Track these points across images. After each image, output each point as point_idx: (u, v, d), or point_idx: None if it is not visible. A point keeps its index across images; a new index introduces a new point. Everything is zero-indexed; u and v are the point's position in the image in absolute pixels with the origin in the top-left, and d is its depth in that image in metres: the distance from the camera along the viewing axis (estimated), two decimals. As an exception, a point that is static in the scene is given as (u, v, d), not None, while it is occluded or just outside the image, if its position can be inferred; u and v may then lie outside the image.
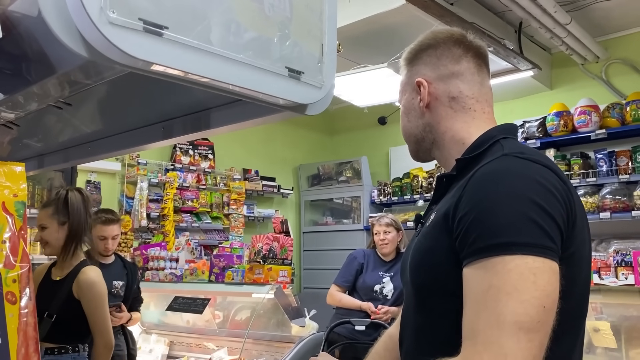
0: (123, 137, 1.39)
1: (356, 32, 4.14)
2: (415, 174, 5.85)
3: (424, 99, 1.10)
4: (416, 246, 1.04)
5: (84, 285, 2.29)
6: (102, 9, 0.69)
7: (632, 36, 4.93)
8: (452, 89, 1.09)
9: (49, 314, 2.25)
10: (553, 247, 0.84)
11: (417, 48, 1.14)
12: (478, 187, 0.90)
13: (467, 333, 0.84)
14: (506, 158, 0.93)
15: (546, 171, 0.91)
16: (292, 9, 0.93)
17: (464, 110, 1.09)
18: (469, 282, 0.87)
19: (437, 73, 1.10)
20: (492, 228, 0.85)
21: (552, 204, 0.87)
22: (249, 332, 3.47)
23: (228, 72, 0.82)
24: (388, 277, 3.74)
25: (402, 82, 1.17)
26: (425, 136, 1.12)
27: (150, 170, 5.22)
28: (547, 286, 0.82)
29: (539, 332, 0.80)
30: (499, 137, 1.03)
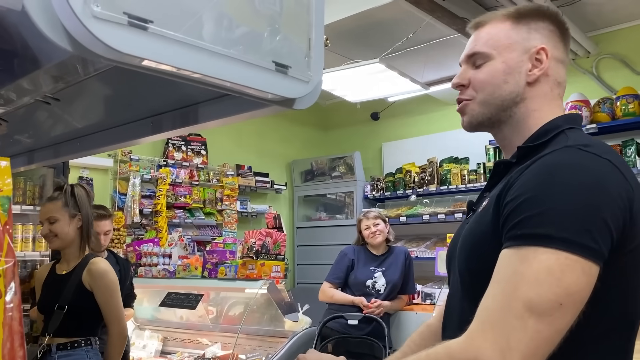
0: (112, 132, 1.39)
1: (348, 27, 4.14)
2: (407, 168, 5.87)
3: (544, 69, 1.03)
4: (467, 232, 1.02)
5: (96, 274, 2.31)
6: (85, 3, 0.69)
7: (622, 31, 4.96)
8: (561, 74, 1.06)
9: (60, 305, 2.25)
10: (592, 247, 0.82)
11: (539, 10, 1.07)
12: (532, 175, 0.88)
13: (478, 312, 0.85)
14: (569, 150, 0.90)
15: (608, 167, 0.87)
16: (281, 2, 0.93)
17: (559, 97, 1.06)
18: (499, 265, 0.86)
19: (557, 53, 1.05)
20: (534, 217, 0.84)
21: (605, 201, 0.84)
22: (242, 327, 3.47)
23: (214, 66, 0.82)
24: (380, 271, 3.76)
25: (510, 38, 1.05)
26: (511, 107, 1.04)
27: (143, 166, 5.20)
28: (572, 285, 0.80)
29: (550, 326, 0.80)
30: (564, 127, 0.99)
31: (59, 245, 2.36)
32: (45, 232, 2.33)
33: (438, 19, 3.85)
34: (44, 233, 2.34)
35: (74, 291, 2.28)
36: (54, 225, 2.33)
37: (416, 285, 4.10)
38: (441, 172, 5.55)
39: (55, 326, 2.23)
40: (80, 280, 2.30)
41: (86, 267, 2.33)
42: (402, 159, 6.05)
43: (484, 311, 0.84)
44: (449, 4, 3.91)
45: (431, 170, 5.61)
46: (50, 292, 2.34)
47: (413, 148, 6.06)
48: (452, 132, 5.60)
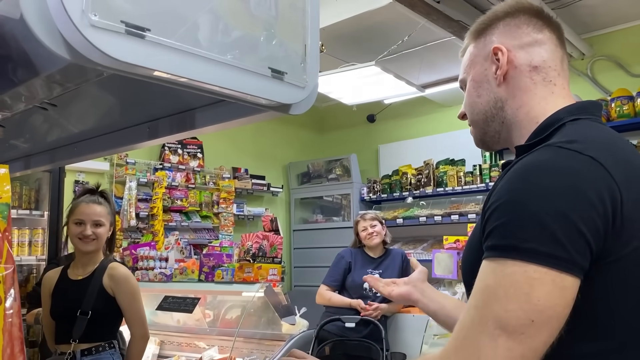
0: (109, 137, 1.39)
1: (344, 30, 4.16)
2: (404, 171, 5.88)
3: (503, 66, 0.99)
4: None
5: (119, 279, 2.34)
6: (83, 12, 0.69)
7: (616, 33, 4.99)
8: (535, 57, 0.99)
9: (83, 311, 2.25)
10: (563, 257, 0.76)
11: (492, 17, 1.05)
12: (506, 180, 0.84)
13: (455, 327, 0.83)
14: (547, 149, 0.84)
15: (589, 164, 0.80)
16: (277, 8, 0.94)
17: (544, 82, 0.98)
18: (477, 278, 0.83)
19: (518, 41, 1.00)
20: (503, 227, 0.79)
21: (579, 207, 0.77)
22: (240, 330, 3.47)
23: (211, 73, 0.83)
24: (377, 274, 3.77)
25: (472, 55, 1.06)
26: (496, 114, 1.02)
27: (139, 169, 5.20)
28: (542, 300, 0.75)
29: (522, 345, 0.75)
30: (566, 119, 0.92)
31: (93, 248, 2.37)
32: (88, 233, 2.32)
33: (433, 21, 3.86)
34: (87, 234, 2.32)
35: (97, 296, 2.29)
36: (99, 229, 2.36)
37: (413, 288, 4.09)
38: (437, 174, 5.56)
39: (81, 332, 2.23)
40: (102, 285, 2.32)
41: (106, 272, 2.35)
42: (398, 161, 6.06)
43: (458, 327, 0.82)
44: (444, 7, 3.93)
45: (427, 172, 5.63)
46: (67, 298, 2.32)
47: (409, 150, 6.08)
48: (448, 134, 5.62)
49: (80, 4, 0.69)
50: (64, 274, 2.41)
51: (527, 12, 1.02)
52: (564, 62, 1.02)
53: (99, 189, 2.46)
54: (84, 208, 2.34)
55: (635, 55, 4.88)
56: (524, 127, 0.98)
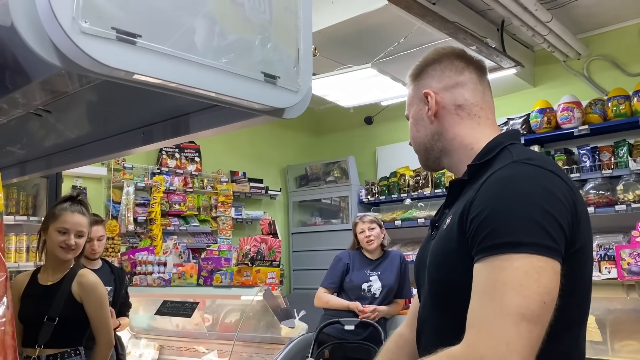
0: (104, 143, 1.39)
1: (340, 33, 4.16)
2: (402, 172, 5.88)
3: (432, 107, 1.18)
4: (434, 247, 1.11)
5: (87, 286, 2.34)
6: (74, 19, 0.69)
7: (612, 32, 5.00)
8: (458, 97, 1.18)
9: (50, 317, 2.25)
10: (556, 248, 0.91)
11: (422, 64, 1.24)
12: (489, 191, 0.98)
13: (472, 321, 0.91)
14: (516, 164, 1.01)
15: (553, 177, 0.98)
16: (270, 12, 0.94)
17: (470, 116, 1.17)
18: (477, 277, 0.94)
19: (443, 84, 1.19)
20: (501, 227, 0.92)
21: (557, 207, 0.94)
22: (239, 334, 3.47)
23: (204, 78, 0.83)
24: (375, 275, 3.76)
25: (410, 96, 1.26)
26: (434, 144, 1.20)
27: (137, 174, 5.20)
28: (549, 284, 0.89)
29: (538, 325, 0.87)
30: (506, 143, 1.10)
31: (71, 257, 2.37)
32: (72, 243, 2.32)
33: (429, 23, 3.86)
34: (71, 244, 2.32)
35: (65, 303, 2.29)
36: (80, 240, 2.36)
37: (412, 289, 4.10)
38: (435, 176, 5.57)
39: (46, 338, 2.23)
40: (70, 292, 2.31)
41: (75, 279, 2.34)
42: (396, 162, 6.06)
43: (477, 320, 0.91)
44: (439, 9, 3.93)
45: (425, 173, 5.63)
46: (35, 303, 2.31)
47: (407, 152, 5.99)
48: (446, 136, 5.61)
49: (70, 11, 0.69)
50: (33, 278, 2.40)
51: (449, 57, 1.21)
52: (486, 95, 1.21)
53: (78, 197, 2.45)
54: (70, 217, 2.33)
55: (631, 54, 4.89)
56: (460, 153, 1.17)
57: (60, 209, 2.35)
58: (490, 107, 1.21)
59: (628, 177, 4.38)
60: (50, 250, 2.36)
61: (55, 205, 2.44)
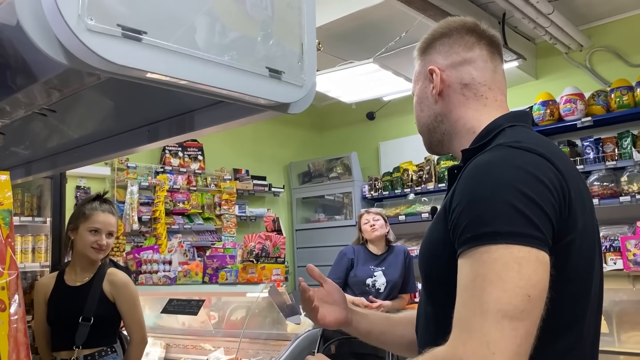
0: (109, 141, 1.39)
1: (341, 28, 4.15)
2: (405, 167, 5.88)
3: (437, 86, 1.10)
4: (424, 239, 1.06)
5: (119, 285, 2.35)
6: (80, 17, 0.69)
7: (614, 23, 4.98)
8: (465, 75, 1.09)
9: (85, 317, 2.25)
10: (539, 237, 0.84)
11: (430, 37, 1.15)
12: (469, 178, 0.91)
13: (455, 321, 0.85)
14: (499, 148, 0.94)
15: (538, 159, 0.90)
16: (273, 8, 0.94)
17: (476, 97, 1.08)
18: (459, 272, 0.88)
19: (450, 60, 1.10)
20: (479, 218, 0.86)
21: (541, 192, 0.86)
22: (245, 331, 3.47)
23: (209, 74, 0.83)
24: (380, 270, 3.77)
25: (416, 72, 1.18)
26: (437, 126, 1.13)
27: (140, 173, 5.20)
28: (533, 275, 0.81)
29: (524, 321, 0.80)
30: (505, 125, 1.02)
31: (101, 257, 2.38)
32: (104, 243, 2.33)
33: (430, 17, 3.86)
34: (103, 244, 2.32)
35: (98, 302, 2.29)
36: (110, 240, 2.37)
37: (417, 284, 4.10)
38: (439, 170, 5.56)
39: (84, 338, 2.24)
40: (102, 291, 2.32)
41: (106, 278, 2.35)
42: (399, 157, 6.06)
43: (459, 319, 0.85)
44: (440, 2, 3.93)
45: (428, 168, 5.62)
46: (66, 304, 2.31)
47: (410, 146, 6.07)
48: (448, 130, 5.61)
49: (76, 9, 0.69)
50: (60, 280, 2.38)
51: (460, 31, 1.12)
52: (497, 74, 1.11)
53: (105, 196, 2.45)
54: (101, 217, 2.33)
55: (634, 45, 4.87)
56: (462, 136, 1.09)
57: (91, 209, 2.35)
58: (501, 87, 1.11)
59: (632, 168, 4.37)
60: (81, 250, 2.34)
61: (83, 204, 2.43)
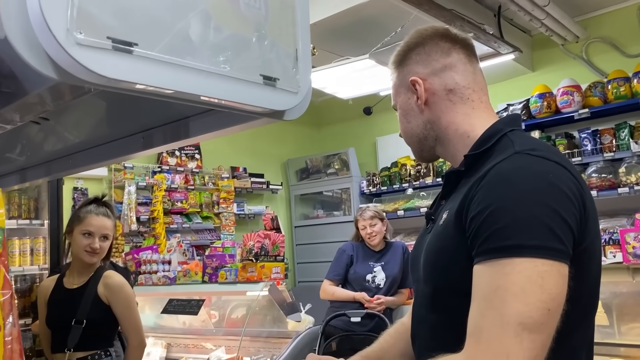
0: (104, 148, 1.38)
1: (336, 24, 4.13)
2: (403, 162, 5.87)
3: (421, 96, 1.10)
4: (429, 245, 1.04)
5: (114, 288, 2.33)
6: (68, 30, 0.68)
7: (609, 14, 4.96)
8: (448, 81, 1.09)
9: (78, 320, 2.25)
10: (563, 250, 0.85)
11: (405, 48, 1.15)
12: (491, 187, 0.90)
13: (472, 330, 0.86)
14: (519, 157, 0.93)
15: (559, 169, 0.91)
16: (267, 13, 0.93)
17: (463, 101, 1.09)
18: (477, 281, 0.88)
19: (430, 68, 1.10)
20: (504, 229, 0.85)
21: (565, 204, 0.87)
22: (246, 330, 3.48)
23: (202, 84, 0.81)
24: (379, 266, 3.77)
25: (395, 85, 1.17)
26: (428, 134, 1.12)
27: (137, 173, 5.19)
28: (554, 289, 0.83)
29: (542, 334, 0.82)
30: (506, 130, 1.03)
31: (96, 260, 2.36)
32: (97, 246, 2.31)
33: (425, 11, 3.83)
34: (96, 247, 2.31)
35: (92, 305, 2.29)
36: (105, 243, 2.35)
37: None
38: (437, 164, 5.55)
39: (75, 341, 2.23)
40: (97, 294, 2.31)
41: (101, 281, 2.34)
42: (396, 152, 6.05)
43: (477, 330, 0.85)
44: (435, -3, 3.90)
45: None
46: (62, 307, 2.31)
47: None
48: (445, 124, 5.60)
49: (64, 23, 0.68)
50: (59, 282, 2.39)
51: (433, 38, 1.12)
52: (477, 75, 1.12)
53: (103, 199, 2.44)
54: (95, 220, 2.32)
55: (630, 36, 4.86)
56: (456, 142, 1.09)
57: (85, 212, 2.34)
58: (483, 89, 1.12)
59: (630, 160, 4.37)
60: (76, 254, 2.34)
61: (80, 207, 2.43)
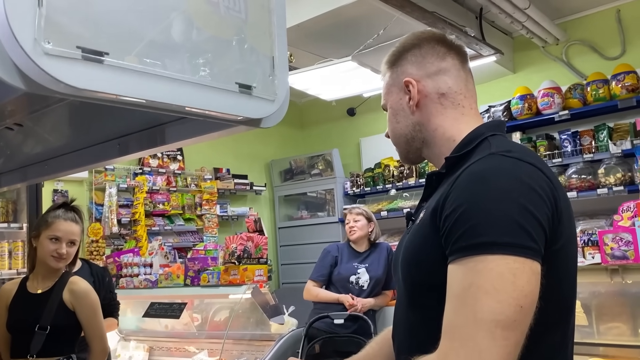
0: (80, 154, 1.36)
1: (318, 26, 4.12)
2: (386, 163, 5.88)
3: (414, 97, 1.11)
4: (407, 244, 1.05)
5: (79, 294, 2.30)
6: (36, 40, 0.66)
7: (589, 17, 5.02)
8: (441, 85, 1.10)
9: (41, 326, 2.21)
10: (534, 247, 0.86)
11: (401, 49, 1.16)
12: (464, 186, 0.92)
13: (446, 329, 0.87)
14: (493, 157, 0.94)
15: (532, 170, 0.92)
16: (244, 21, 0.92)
17: (454, 106, 1.10)
18: (451, 279, 0.88)
19: (424, 71, 1.11)
20: (476, 227, 0.86)
21: (537, 203, 0.88)
22: (229, 332, 3.46)
23: (175, 93, 0.80)
24: (363, 267, 3.77)
25: (387, 84, 1.17)
26: (416, 135, 1.13)
27: (119, 175, 5.13)
28: (526, 286, 0.83)
29: (515, 331, 0.82)
30: (487, 134, 1.04)
31: (62, 266, 2.33)
32: (64, 252, 2.27)
33: (408, 14, 3.84)
34: (63, 252, 2.27)
35: (56, 311, 2.25)
36: (72, 248, 2.32)
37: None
38: (420, 166, 5.58)
39: (38, 347, 2.19)
40: (62, 300, 2.27)
41: (66, 287, 2.30)
42: (380, 153, 6.06)
43: (450, 328, 0.86)
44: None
45: (409, 163, 5.63)
46: (25, 312, 2.27)
47: (391, 142, 6.07)
48: (428, 125, 5.62)
49: (32, 32, 0.66)
50: (22, 286, 2.35)
51: (430, 42, 1.13)
52: (469, 83, 1.14)
53: (72, 203, 2.41)
54: (62, 225, 2.28)
55: (608, 38, 4.92)
56: (442, 145, 1.10)
57: (53, 217, 2.30)
58: (473, 96, 1.14)
59: (609, 161, 4.42)
60: (41, 258, 2.30)
61: (48, 211, 2.39)
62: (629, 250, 2.71)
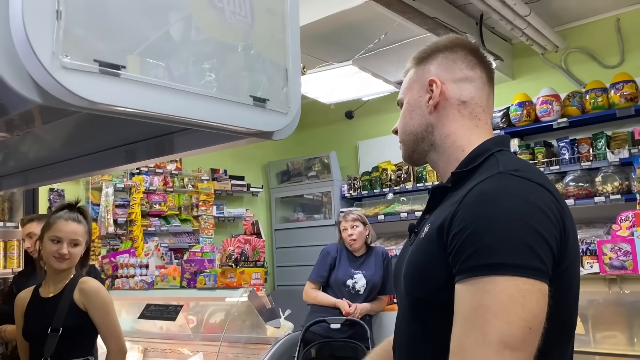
0: (85, 160, 1.35)
1: (320, 30, 4.12)
2: (384, 167, 5.88)
3: (435, 97, 1.10)
4: (410, 258, 1.04)
5: (89, 293, 2.27)
6: (54, 54, 0.65)
7: (588, 25, 5.04)
8: (464, 92, 1.10)
9: (54, 328, 2.18)
10: (543, 269, 0.86)
11: (434, 48, 1.15)
12: (474, 205, 0.91)
13: (454, 349, 0.87)
14: (502, 176, 0.94)
15: (541, 190, 0.92)
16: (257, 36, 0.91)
17: (471, 116, 1.10)
18: (459, 299, 0.88)
19: (451, 75, 1.11)
20: (486, 248, 0.86)
21: (546, 225, 0.88)
22: (224, 335, 3.44)
23: (191, 107, 0.80)
24: (360, 272, 3.77)
25: (410, 79, 1.16)
26: (426, 137, 1.12)
27: (115, 175, 5.11)
28: (535, 308, 0.84)
29: (524, 352, 0.83)
30: (493, 150, 1.05)
31: (66, 267, 2.29)
32: (65, 252, 2.25)
33: (409, 19, 3.85)
34: (63, 253, 2.25)
35: (67, 312, 2.22)
36: (75, 249, 2.29)
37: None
38: (417, 170, 5.58)
39: (52, 350, 2.16)
40: (73, 301, 2.25)
41: (77, 287, 2.28)
42: (377, 157, 6.06)
43: (460, 348, 0.86)
44: (419, 4, 3.92)
45: (407, 167, 5.64)
46: (38, 316, 2.26)
47: (388, 146, 6.06)
48: (426, 130, 5.63)
49: (50, 46, 0.65)
50: (35, 292, 2.34)
51: (464, 49, 1.13)
52: (490, 99, 1.14)
53: (77, 204, 2.39)
54: (63, 225, 2.26)
55: (608, 47, 4.94)
56: (450, 153, 1.10)
57: (55, 218, 2.29)
58: (490, 113, 1.14)
59: (606, 169, 4.44)
60: (46, 260, 2.29)
61: (52, 213, 2.37)
62: (628, 260, 2.72)
